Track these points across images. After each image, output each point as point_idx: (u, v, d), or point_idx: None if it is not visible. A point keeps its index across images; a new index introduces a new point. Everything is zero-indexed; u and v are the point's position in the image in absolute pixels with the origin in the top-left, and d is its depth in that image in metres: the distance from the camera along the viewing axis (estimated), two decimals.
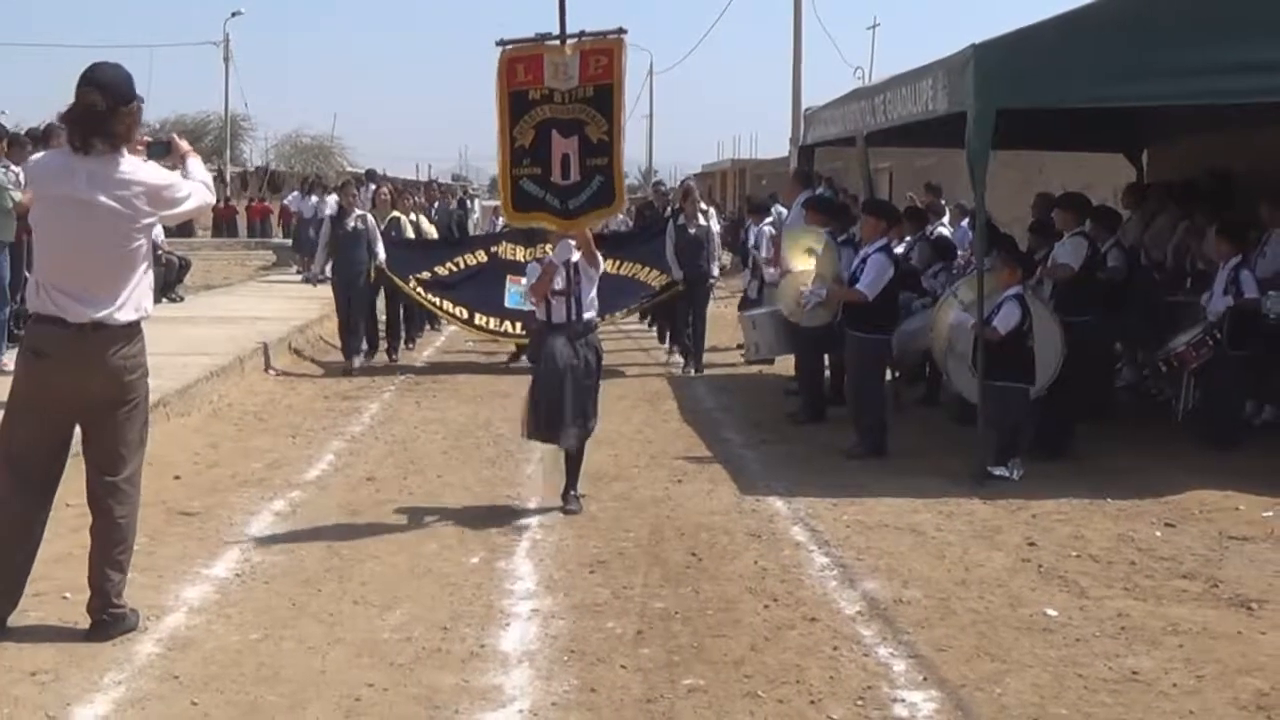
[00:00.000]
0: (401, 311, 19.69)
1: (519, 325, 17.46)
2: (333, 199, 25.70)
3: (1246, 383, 12.65)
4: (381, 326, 19.51)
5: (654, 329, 22.17)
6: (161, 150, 7.33)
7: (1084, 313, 12.38)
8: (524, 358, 16.91)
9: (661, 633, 7.15)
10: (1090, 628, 7.28)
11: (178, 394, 13.18)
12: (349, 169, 50.14)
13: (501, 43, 10.06)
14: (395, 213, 19.66)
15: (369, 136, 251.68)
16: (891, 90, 13.40)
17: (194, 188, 7.02)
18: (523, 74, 9.94)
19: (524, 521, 9.61)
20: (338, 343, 18.67)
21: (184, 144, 7.47)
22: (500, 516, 9.76)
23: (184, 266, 24.77)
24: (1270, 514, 9.78)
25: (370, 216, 18.07)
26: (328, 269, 18.46)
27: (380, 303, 19.27)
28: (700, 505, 10.11)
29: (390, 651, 6.80)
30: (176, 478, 10.70)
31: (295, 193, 36.62)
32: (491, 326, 18.29)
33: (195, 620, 7.29)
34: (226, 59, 70.44)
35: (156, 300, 17.77)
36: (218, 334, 17.92)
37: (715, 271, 18.88)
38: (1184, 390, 13.24)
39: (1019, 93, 10.76)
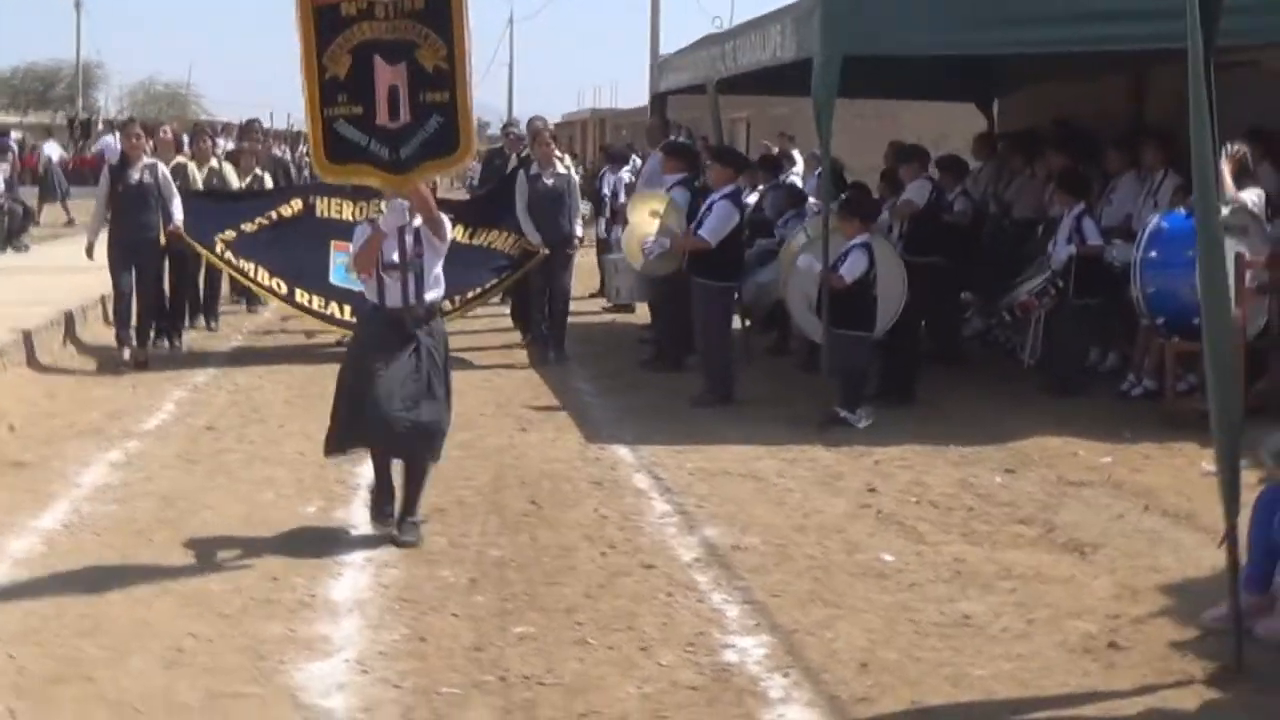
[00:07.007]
0: (203, 282, 16.34)
1: (348, 310, 13.51)
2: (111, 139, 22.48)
3: (1090, 330, 12.81)
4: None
5: (507, 306, 17.01)
6: None
7: (930, 254, 12.58)
8: None
9: (496, 580, 7.11)
10: (925, 572, 7.33)
11: (15, 343, 12.87)
12: (203, 118, 49.19)
13: None
14: (180, 159, 15.75)
15: (225, 85, 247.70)
16: (741, 37, 13.41)
17: None
18: None
19: (363, 470, 9.41)
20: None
21: None
22: (339, 465, 9.59)
23: (27, 215, 24.14)
24: (1109, 459, 9.91)
25: (161, 166, 14.08)
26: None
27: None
28: (544, 453, 10.06)
29: (218, 602, 6.69)
30: (11, 428, 10.47)
31: (107, 137, 35.00)
32: (315, 307, 14.38)
33: (19, 573, 7.14)
34: (78, 4, 68.96)
35: (0, 250, 17.10)
36: (61, 283, 17.39)
37: (579, 231, 15.03)
38: (1030, 338, 13.40)
39: (865, 40, 10.80)
